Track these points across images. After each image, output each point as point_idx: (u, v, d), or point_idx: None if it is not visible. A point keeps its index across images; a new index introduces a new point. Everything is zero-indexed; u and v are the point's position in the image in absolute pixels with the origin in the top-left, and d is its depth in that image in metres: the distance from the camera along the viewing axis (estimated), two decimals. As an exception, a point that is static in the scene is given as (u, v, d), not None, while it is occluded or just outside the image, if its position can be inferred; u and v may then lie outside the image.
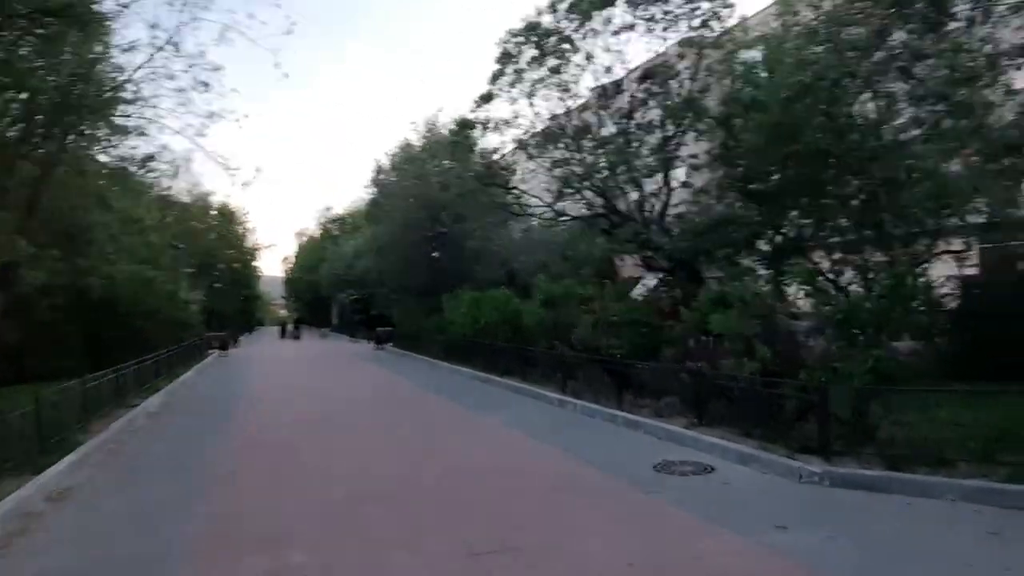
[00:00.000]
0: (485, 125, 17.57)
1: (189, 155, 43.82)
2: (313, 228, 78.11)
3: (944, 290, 13.28)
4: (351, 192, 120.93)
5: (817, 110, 14.38)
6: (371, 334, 38.87)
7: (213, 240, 47.56)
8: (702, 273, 17.22)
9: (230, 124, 32.75)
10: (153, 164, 17.50)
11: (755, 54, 17.47)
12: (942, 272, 14.31)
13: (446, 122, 26.60)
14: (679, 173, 18.09)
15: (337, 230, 70.28)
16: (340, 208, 77.33)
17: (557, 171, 18.55)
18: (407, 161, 29.39)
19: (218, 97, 34.79)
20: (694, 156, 17.44)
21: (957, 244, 15.62)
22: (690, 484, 7.15)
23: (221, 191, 79.36)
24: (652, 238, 16.97)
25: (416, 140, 29.64)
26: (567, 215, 19.19)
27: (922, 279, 8.25)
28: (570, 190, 17.54)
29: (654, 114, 17.81)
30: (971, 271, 15.38)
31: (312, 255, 66.52)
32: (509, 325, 18.08)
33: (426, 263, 26.99)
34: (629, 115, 17.48)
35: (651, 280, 26.57)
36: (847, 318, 7.91)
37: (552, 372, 15.16)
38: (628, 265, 27.00)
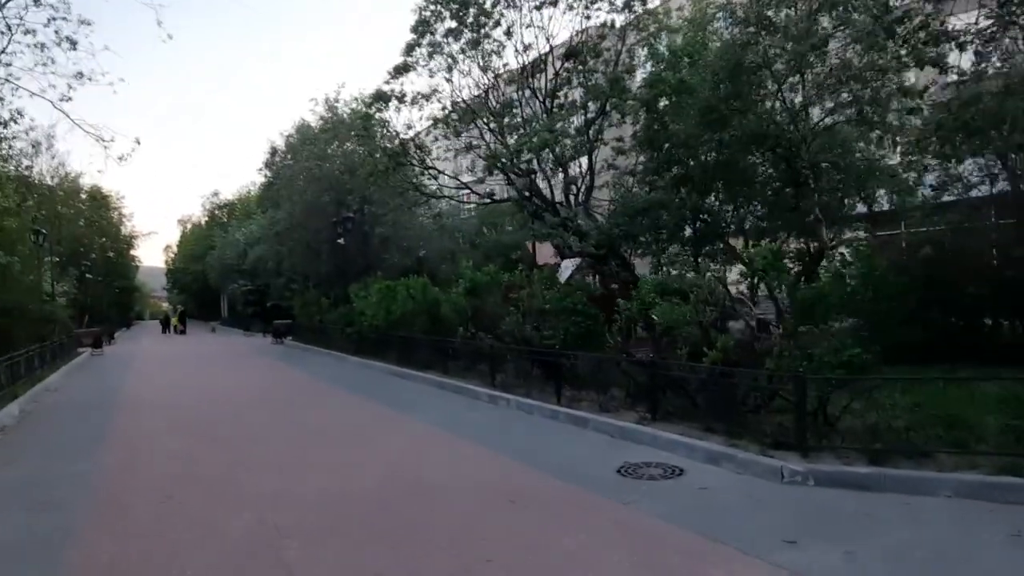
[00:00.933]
0: (401, 98, 16.23)
1: (53, 129, 39.30)
2: (199, 214, 73.15)
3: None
4: (241, 176, 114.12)
5: (743, 93, 14.18)
6: (268, 327, 36.38)
7: (83, 227, 42.97)
8: (629, 260, 16.76)
9: (104, 92, 29.40)
10: (8, 135, 14.96)
11: (677, 37, 17.17)
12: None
13: (350, 100, 24.95)
14: (604, 156, 17.52)
15: (226, 216, 66.00)
16: (229, 193, 72.86)
17: (478, 152, 17.53)
18: (305, 142, 27.31)
19: (88, 56, 31.04)
20: (619, 139, 16.89)
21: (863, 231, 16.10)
22: (665, 490, 6.37)
23: (94, 173, 72.30)
24: (579, 223, 16.29)
25: (315, 121, 27.62)
26: (489, 198, 18.13)
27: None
28: (493, 172, 16.54)
29: (577, 94, 17.13)
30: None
31: (198, 243, 61.98)
32: (427, 315, 16.88)
33: (331, 250, 25.20)
34: (552, 95, 16.68)
35: (568, 267, 26.10)
36: (815, 302, 7.39)
37: (476, 365, 14.18)
38: (543, 252, 26.46)
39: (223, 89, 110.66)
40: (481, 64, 16.84)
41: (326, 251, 25.41)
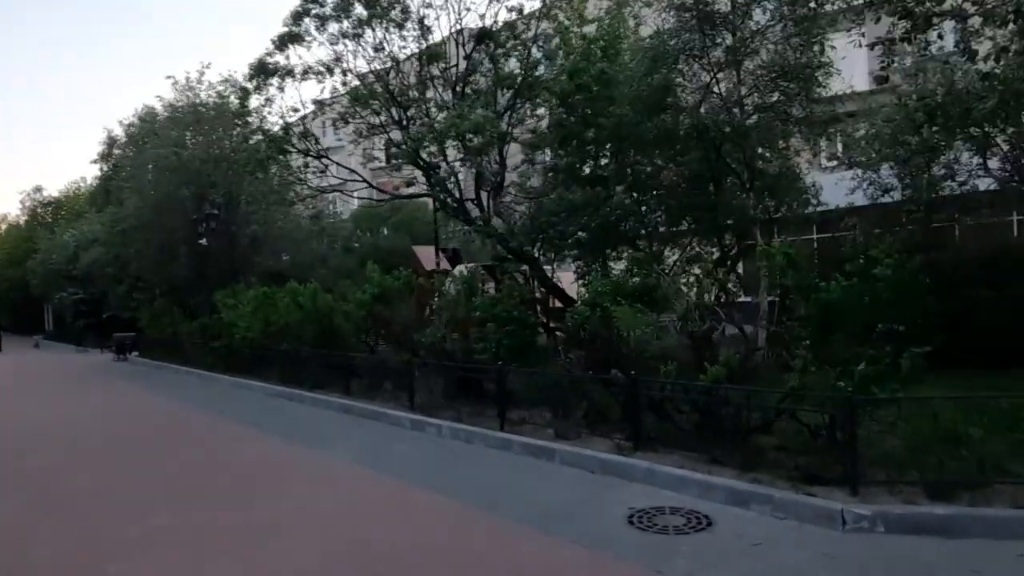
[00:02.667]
0: (289, 72, 13.87)
1: None
2: (16, 213, 63.64)
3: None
4: (70, 171, 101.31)
5: (672, 85, 13.36)
6: (106, 342, 31.51)
7: None
8: (541, 263, 15.42)
9: None
10: None
11: (591, 27, 16.16)
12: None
13: (217, 83, 21.83)
14: (515, 151, 16.11)
15: (51, 216, 57.80)
16: (55, 190, 64.26)
17: (377, 141, 15.55)
18: (153, 132, 23.59)
19: None
20: (532, 132, 15.56)
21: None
22: (706, 548, 4.97)
23: None
24: (491, 224, 14.76)
25: (164, 107, 23.90)
26: (389, 194, 16.10)
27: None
28: (393, 161, 14.60)
29: (487, 82, 15.62)
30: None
31: (17, 246, 53.48)
32: (317, 326, 14.55)
33: (190, 252, 21.83)
34: (464, 80, 15.04)
35: (463, 272, 24.43)
36: (840, 308, 6.34)
37: (385, 383, 12.22)
38: (425, 256, 24.71)
39: (47, 69, 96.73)
40: (376, 44, 14.87)
41: (184, 253, 21.99)
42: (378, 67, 14.87)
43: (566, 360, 9.09)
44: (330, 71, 13.95)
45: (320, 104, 15.88)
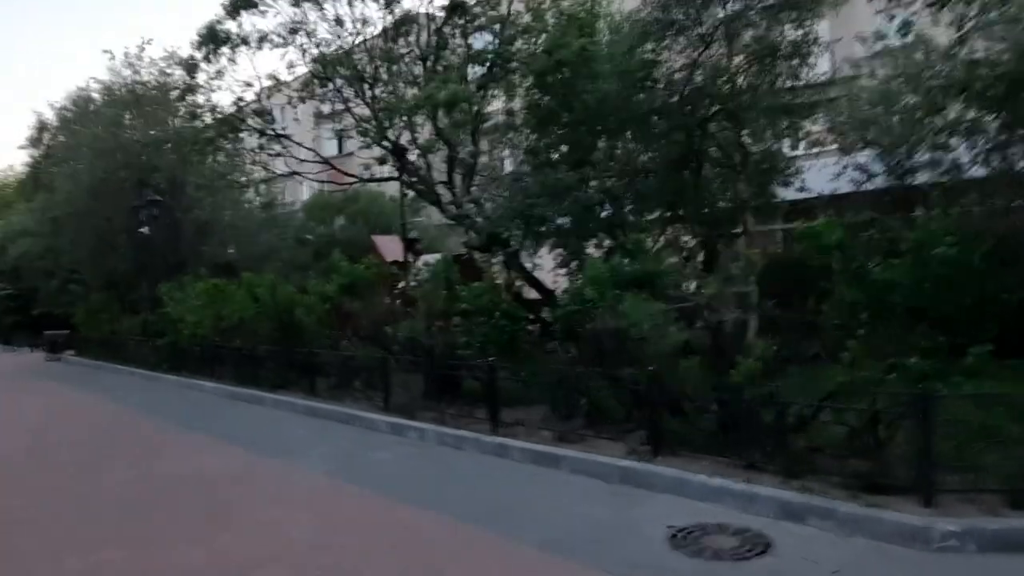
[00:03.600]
0: (244, 41, 12.56)
1: None
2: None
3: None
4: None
5: (651, 63, 12.68)
6: (38, 340, 29.29)
7: None
8: (519, 252, 14.53)
9: None
10: None
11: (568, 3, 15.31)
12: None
13: (160, 57, 20.12)
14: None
15: (-26, 206, 54.05)
16: (-23, 178, 60.29)
17: (333, 123, 14.38)
18: (83, 118, 21.68)
19: None
20: (510, 113, 14.63)
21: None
22: (778, 579, 4.20)
23: None
24: (465, 211, 13.80)
25: (98, 91, 21.97)
26: (354, 178, 14.93)
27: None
28: (362, 143, 13.48)
29: (457, 60, 14.60)
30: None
31: (-65, 238, 49.75)
32: (276, 321, 13.33)
33: (130, 243, 20.14)
34: (429, 57, 13.97)
35: (434, 261, 23.32)
36: (890, 294, 5.65)
37: (354, 383, 11.18)
38: (386, 246, 23.51)
39: None
40: (337, 16, 13.68)
41: (124, 243, 20.27)
42: (342, 40, 13.71)
43: (564, 355, 8.23)
44: (293, 33, 12.65)
45: (276, 82, 14.58)
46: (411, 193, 15.24)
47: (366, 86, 13.00)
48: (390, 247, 22.96)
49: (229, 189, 20.54)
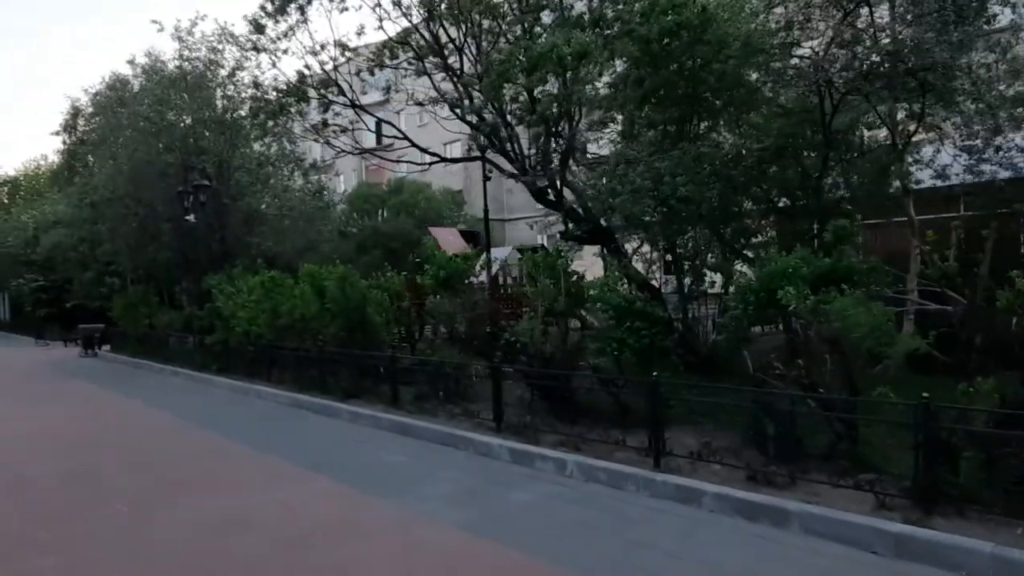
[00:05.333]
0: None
1: None
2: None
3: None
4: (28, 148, 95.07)
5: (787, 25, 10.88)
6: (70, 334, 28.05)
7: None
8: (622, 244, 12.69)
9: None
10: None
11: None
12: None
13: (211, 35, 18.53)
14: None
15: (7, 197, 53.53)
16: (11, 168, 59.93)
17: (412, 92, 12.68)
18: (122, 99, 20.19)
19: None
20: (612, 87, 12.78)
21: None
22: None
23: None
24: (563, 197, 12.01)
25: (142, 66, 20.44)
26: (437, 156, 13.16)
27: None
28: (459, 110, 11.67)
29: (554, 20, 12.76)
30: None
31: (-32, 229, 49.19)
32: (344, 320, 11.63)
33: (173, 232, 18.62)
34: (528, 16, 12.16)
35: (503, 256, 21.65)
36: None
37: (438, 393, 9.44)
38: (445, 239, 21.74)
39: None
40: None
41: (167, 232, 18.76)
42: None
43: (758, 372, 6.37)
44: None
45: (344, 49, 12.86)
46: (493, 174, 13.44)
47: (468, 43, 11.23)
48: (449, 240, 21.27)
49: (278, 175, 18.95)
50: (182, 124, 18.04)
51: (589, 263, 12.19)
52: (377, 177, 44.44)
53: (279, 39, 11.75)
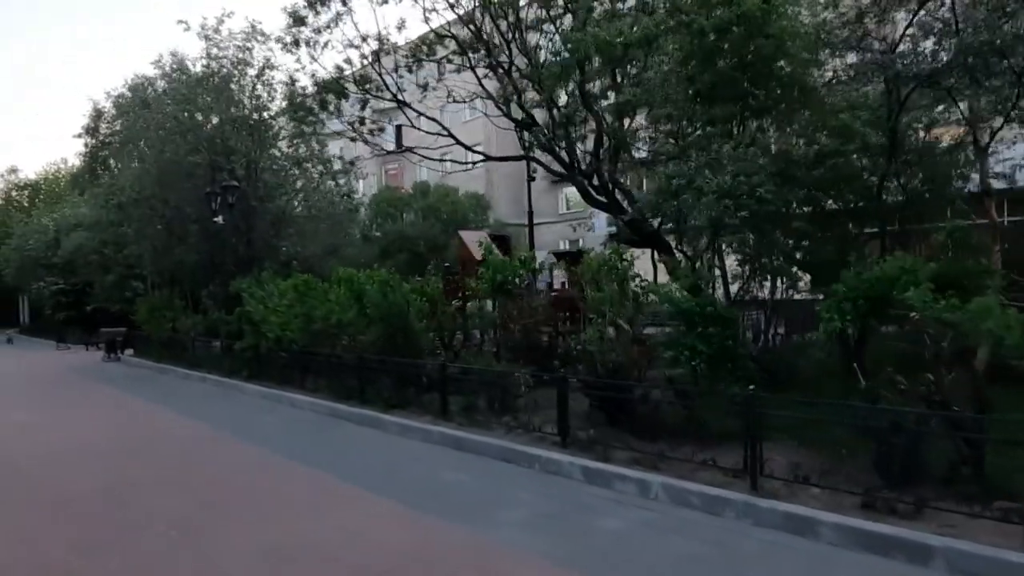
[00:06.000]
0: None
1: None
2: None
3: None
4: (48, 151, 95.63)
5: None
6: (92, 338, 27.78)
7: None
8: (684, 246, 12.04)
9: None
10: None
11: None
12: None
13: (237, 32, 18.13)
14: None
15: (27, 201, 53.59)
16: (32, 171, 60.22)
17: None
18: (147, 101, 19.82)
19: None
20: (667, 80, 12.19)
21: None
22: None
23: None
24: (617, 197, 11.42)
25: (169, 64, 20.10)
26: (481, 154, 12.64)
27: None
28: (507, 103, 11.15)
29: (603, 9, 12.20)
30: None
31: (-11, 232, 49.24)
32: (384, 325, 11.08)
33: (200, 235, 18.21)
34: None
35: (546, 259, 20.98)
36: None
37: (492, 404, 8.87)
38: (474, 243, 21.13)
39: (21, 40, 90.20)
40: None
41: (194, 234, 18.34)
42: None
43: (869, 383, 5.74)
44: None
45: (381, 44, 12.37)
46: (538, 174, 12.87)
47: (516, 37, 10.70)
48: (478, 244, 20.69)
49: (307, 175, 18.50)
50: (209, 125, 17.62)
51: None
52: (396, 181, 44.06)
53: (320, 31, 11.26)
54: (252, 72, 17.70)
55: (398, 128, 19.79)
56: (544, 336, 9.07)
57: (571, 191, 39.85)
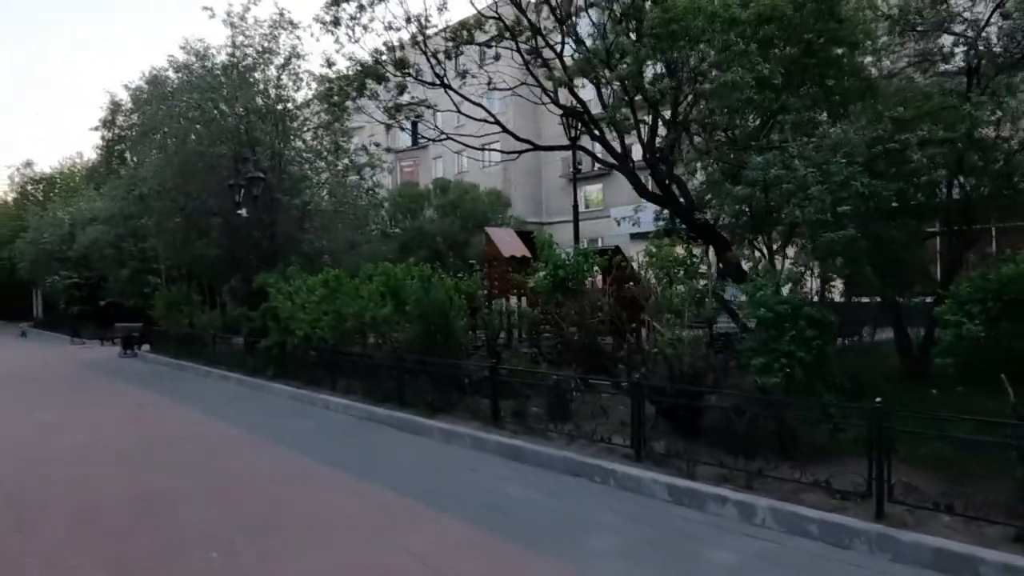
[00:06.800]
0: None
1: None
2: (3, 190, 59.21)
3: None
4: (62, 146, 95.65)
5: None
6: (107, 333, 27.26)
7: None
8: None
9: None
10: None
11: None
12: None
13: (265, 20, 17.51)
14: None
15: (42, 195, 53.26)
16: (47, 165, 60.05)
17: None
18: (167, 92, 19.22)
19: None
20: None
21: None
22: None
23: None
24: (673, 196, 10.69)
25: (194, 52, 19.47)
26: (529, 143, 11.96)
27: None
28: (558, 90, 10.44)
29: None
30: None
31: (3, 225, 48.92)
32: (423, 323, 10.40)
33: (224, 227, 17.60)
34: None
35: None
36: None
37: (549, 412, 8.16)
38: (503, 240, 20.47)
39: (39, 35, 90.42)
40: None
41: (217, 227, 17.73)
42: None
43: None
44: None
45: (421, 28, 11.69)
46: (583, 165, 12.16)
47: (567, 16, 10.01)
48: (506, 240, 19.98)
49: (332, 168, 17.88)
50: (232, 115, 17.00)
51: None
52: (411, 178, 43.47)
53: (364, 7, 10.59)
54: (278, 61, 17.10)
55: (414, 124, 19.17)
56: (606, 338, 8.37)
57: (589, 189, 39.31)
